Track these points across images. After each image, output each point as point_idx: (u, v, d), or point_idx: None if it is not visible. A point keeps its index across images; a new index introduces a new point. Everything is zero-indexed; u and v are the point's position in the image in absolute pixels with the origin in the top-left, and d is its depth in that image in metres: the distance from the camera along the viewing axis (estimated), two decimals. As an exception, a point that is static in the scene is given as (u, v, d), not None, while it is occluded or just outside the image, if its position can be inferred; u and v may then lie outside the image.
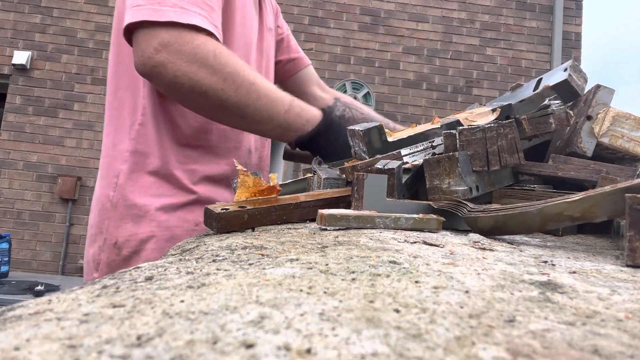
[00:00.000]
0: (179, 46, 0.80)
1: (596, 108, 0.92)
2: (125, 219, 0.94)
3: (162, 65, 0.80)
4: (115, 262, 0.93)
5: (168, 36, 0.80)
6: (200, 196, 0.99)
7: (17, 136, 4.66)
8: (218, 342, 0.23)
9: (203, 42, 0.82)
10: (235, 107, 0.84)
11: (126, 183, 0.94)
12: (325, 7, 5.04)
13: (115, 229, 0.94)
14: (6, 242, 3.84)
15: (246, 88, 0.83)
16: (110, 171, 0.96)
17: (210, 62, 0.81)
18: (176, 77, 0.81)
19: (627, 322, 0.29)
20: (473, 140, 0.75)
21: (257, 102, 0.85)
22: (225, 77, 0.82)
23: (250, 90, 0.84)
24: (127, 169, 0.95)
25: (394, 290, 0.33)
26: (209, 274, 0.37)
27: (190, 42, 0.81)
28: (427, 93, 5.04)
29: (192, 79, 0.81)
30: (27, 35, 4.78)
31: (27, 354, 0.21)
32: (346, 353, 0.22)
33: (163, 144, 0.96)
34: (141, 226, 0.94)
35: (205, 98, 0.83)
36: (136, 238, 0.94)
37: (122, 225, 0.94)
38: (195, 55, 0.81)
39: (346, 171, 0.84)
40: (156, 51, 0.80)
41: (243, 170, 0.70)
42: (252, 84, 0.84)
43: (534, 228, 0.59)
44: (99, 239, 0.95)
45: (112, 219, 0.94)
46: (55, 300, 0.31)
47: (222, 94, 0.83)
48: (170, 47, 0.80)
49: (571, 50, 5.15)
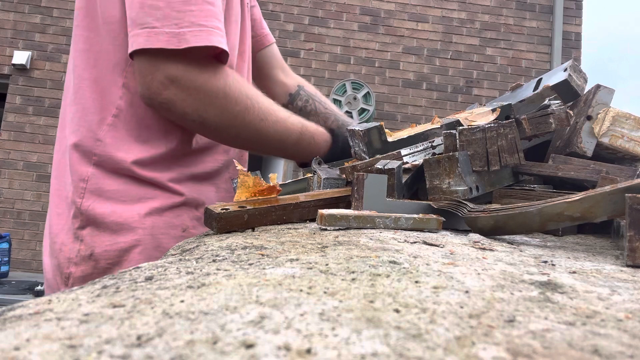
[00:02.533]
0: (188, 82, 0.78)
1: (596, 108, 0.92)
2: (99, 227, 0.84)
3: (171, 102, 0.78)
4: (92, 275, 0.83)
5: (176, 71, 0.77)
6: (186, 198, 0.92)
7: (17, 136, 4.66)
8: (218, 342, 0.23)
9: (213, 76, 0.79)
10: (246, 141, 0.87)
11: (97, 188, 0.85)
12: (325, 7, 5.04)
13: (89, 239, 0.84)
14: (6, 242, 3.84)
15: (255, 125, 0.84)
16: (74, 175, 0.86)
17: (220, 101, 0.80)
18: (186, 113, 0.80)
19: (627, 322, 0.29)
20: (473, 140, 0.75)
21: (267, 138, 0.87)
22: (236, 115, 0.82)
23: (260, 127, 0.85)
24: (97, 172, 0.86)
25: (394, 290, 0.33)
26: (209, 274, 0.37)
27: (199, 77, 0.78)
28: (427, 93, 5.04)
29: (201, 116, 0.80)
30: (27, 35, 4.78)
31: (27, 354, 0.21)
32: (346, 353, 0.22)
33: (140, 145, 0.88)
34: (121, 234, 0.84)
35: (216, 133, 0.84)
36: (116, 248, 0.84)
37: (97, 234, 0.84)
38: (205, 93, 0.79)
39: (346, 171, 0.84)
40: (164, 87, 0.77)
41: (243, 171, 0.70)
42: (262, 120, 0.85)
43: (534, 228, 0.59)
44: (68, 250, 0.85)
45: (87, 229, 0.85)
46: (55, 300, 0.31)
47: (233, 131, 0.84)
48: (179, 84, 0.78)
49: (571, 50, 5.15)
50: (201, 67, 0.79)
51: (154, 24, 0.75)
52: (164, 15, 0.74)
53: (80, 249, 0.85)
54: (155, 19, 0.75)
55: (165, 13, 0.75)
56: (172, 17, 0.75)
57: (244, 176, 0.70)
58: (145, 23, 0.75)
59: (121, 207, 0.86)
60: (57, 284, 0.87)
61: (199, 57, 0.79)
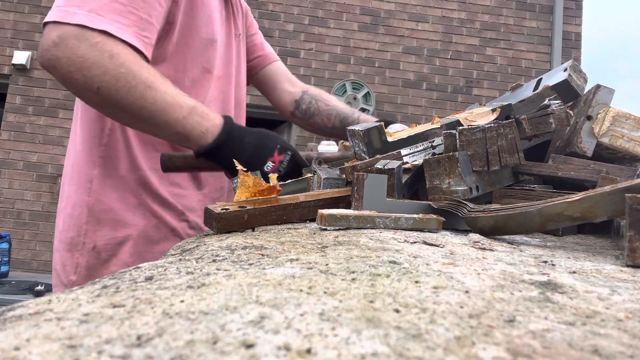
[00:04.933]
0: (76, 41, 0.79)
1: (596, 108, 0.92)
2: (102, 223, 0.96)
3: (57, 59, 0.80)
4: (95, 265, 0.96)
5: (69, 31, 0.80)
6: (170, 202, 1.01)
7: (17, 136, 4.66)
8: (218, 342, 0.23)
9: (102, 42, 0.81)
10: (129, 108, 0.83)
11: (100, 188, 0.97)
12: (325, 7, 5.04)
13: (93, 233, 0.96)
14: (6, 242, 3.84)
15: (141, 91, 0.82)
16: (82, 176, 0.98)
17: (104, 62, 0.80)
18: (70, 72, 0.80)
19: (627, 322, 0.29)
20: (473, 140, 0.75)
21: (153, 106, 0.83)
22: (118, 78, 0.80)
23: (145, 94, 0.82)
24: (99, 174, 0.97)
25: (394, 290, 0.33)
26: (209, 274, 0.37)
27: (88, 40, 0.80)
28: (427, 93, 5.04)
29: (85, 75, 0.80)
30: (27, 35, 4.78)
31: (27, 354, 0.21)
32: (346, 353, 0.22)
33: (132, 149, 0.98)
34: (117, 230, 0.96)
35: (98, 96, 0.82)
36: (113, 241, 0.96)
37: (100, 229, 0.96)
38: (91, 51, 0.80)
39: (346, 171, 0.84)
40: (54, 44, 0.80)
41: (243, 171, 0.70)
42: (148, 87, 0.82)
43: (534, 228, 0.59)
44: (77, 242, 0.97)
45: (90, 223, 0.96)
46: (55, 300, 0.31)
47: (115, 94, 0.81)
48: (67, 42, 0.79)
49: (571, 50, 5.15)
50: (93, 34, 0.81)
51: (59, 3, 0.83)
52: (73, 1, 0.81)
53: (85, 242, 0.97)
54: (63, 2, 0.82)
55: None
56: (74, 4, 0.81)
57: (244, 176, 0.70)
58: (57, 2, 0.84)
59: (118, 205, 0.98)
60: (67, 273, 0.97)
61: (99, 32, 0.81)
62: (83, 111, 1.02)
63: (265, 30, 4.93)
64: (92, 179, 0.97)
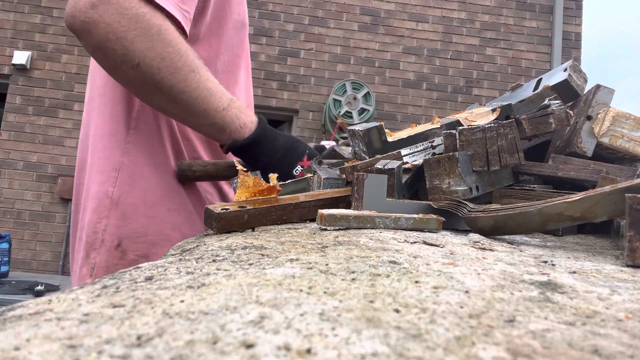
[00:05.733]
0: (120, 7, 0.70)
1: (596, 108, 0.92)
2: (129, 218, 0.84)
3: (94, 23, 0.70)
4: (117, 266, 0.84)
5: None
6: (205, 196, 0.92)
7: (17, 136, 4.66)
8: (218, 342, 0.23)
9: (150, 12, 0.72)
10: (168, 90, 0.75)
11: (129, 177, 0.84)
12: (325, 7, 5.04)
13: (116, 229, 0.84)
14: (6, 242, 3.84)
15: (185, 74, 0.75)
16: (105, 163, 0.85)
17: (152, 35, 0.71)
18: (108, 40, 0.70)
19: (627, 322, 0.29)
20: (473, 140, 0.75)
21: (194, 92, 0.76)
22: (164, 56, 0.72)
23: (189, 78, 0.75)
24: (128, 162, 0.85)
25: (394, 290, 0.33)
26: (209, 274, 0.37)
27: (134, 8, 0.71)
28: (427, 93, 5.04)
29: (126, 47, 0.71)
30: (27, 35, 4.78)
31: (27, 354, 0.21)
32: (346, 353, 0.22)
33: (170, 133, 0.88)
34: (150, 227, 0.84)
35: (136, 72, 0.73)
36: (145, 240, 0.84)
37: (126, 225, 0.84)
38: (137, 22, 0.70)
39: (346, 171, 0.84)
40: (92, 6, 0.70)
41: (243, 170, 0.70)
42: (192, 71, 0.76)
43: (534, 228, 0.59)
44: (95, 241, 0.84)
45: (112, 218, 0.84)
46: (55, 300, 0.31)
47: (157, 73, 0.73)
48: (109, 7, 0.70)
49: (571, 50, 5.15)
50: (140, 4, 0.72)
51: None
52: None
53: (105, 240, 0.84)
54: None
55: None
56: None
57: (244, 176, 0.70)
58: None
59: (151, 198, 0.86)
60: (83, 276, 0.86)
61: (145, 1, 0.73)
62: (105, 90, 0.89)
63: (266, 30, 4.93)
64: (120, 167, 0.84)
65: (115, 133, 0.86)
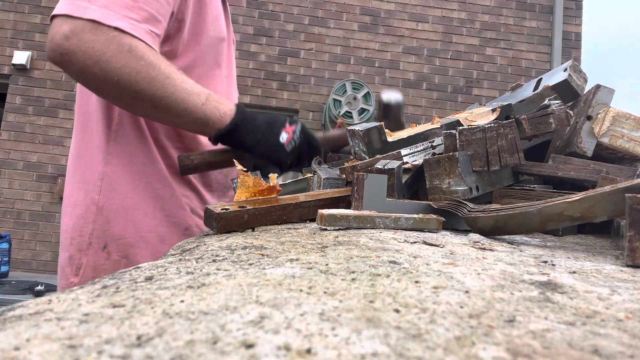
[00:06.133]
0: (91, 35, 0.78)
1: (596, 108, 0.92)
2: (112, 222, 0.93)
3: (72, 52, 0.78)
4: (103, 266, 0.92)
5: (81, 25, 0.78)
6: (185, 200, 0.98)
7: (17, 136, 4.66)
8: (218, 342, 0.23)
9: (118, 35, 0.80)
10: (149, 99, 0.83)
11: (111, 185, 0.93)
12: (325, 7, 5.03)
13: (102, 233, 0.92)
14: (6, 242, 3.84)
15: (161, 81, 0.83)
16: (91, 173, 0.94)
17: (123, 55, 0.80)
18: (86, 66, 0.79)
19: (627, 322, 0.29)
20: (473, 140, 0.75)
21: (172, 96, 0.84)
22: (139, 70, 0.81)
23: (165, 84, 0.83)
24: (110, 171, 0.94)
25: (394, 290, 0.33)
26: (209, 274, 0.37)
27: (104, 34, 0.79)
28: (427, 93, 5.04)
29: (103, 68, 0.79)
30: (27, 35, 4.78)
31: (27, 354, 0.21)
32: (346, 353, 0.22)
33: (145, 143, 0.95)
34: (129, 230, 0.93)
35: (117, 89, 0.81)
36: (124, 242, 0.93)
37: (110, 229, 0.92)
38: (109, 45, 0.79)
39: (346, 171, 0.84)
40: (66, 38, 0.78)
41: (243, 170, 0.70)
42: (167, 78, 0.84)
43: (534, 228, 0.59)
44: (82, 243, 0.93)
45: (99, 223, 0.93)
46: (55, 300, 0.31)
47: (135, 86, 0.81)
48: (81, 36, 0.78)
49: (571, 50, 5.15)
50: (109, 30, 0.80)
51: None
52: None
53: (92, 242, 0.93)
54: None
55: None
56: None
57: (244, 176, 0.70)
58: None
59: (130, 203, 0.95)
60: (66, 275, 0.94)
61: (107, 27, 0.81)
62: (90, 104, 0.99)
63: (266, 30, 4.93)
64: (103, 176, 0.94)
65: (99, 145, 0.95)
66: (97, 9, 0.79)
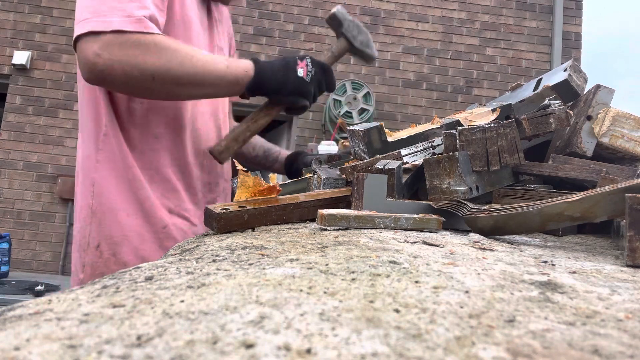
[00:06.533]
0: (120, 44, 0.86)
1: (596, 108, 0.92)
2: (103, 223, 1.02)
3: (110, 66, 0.86)
4: (97, 263, 1.01)
5: (107, 39, 0.85)
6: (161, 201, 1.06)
7: (17, 136, 4.66)
8: (218, 342, 0.23)
9: (141, 36, 0.88)
10: (186, 80, 0.92)
11: (100, 190, 1.03)
12: (325, 7, 5.03)
13: (96, 234, 1.02)
14: (6, 242, 3.84)
15: (189, 61, 0.91)
16: (86, 180, 1.04)
17: (152, 49, 0.88)
18: (126, 72, 0.87)
19: (627, 322, 0.29)
20: (473, 140, 0.75)
21: (203, 69, 0.93)
22: (169, 59, 0.89)
23: (193, 62, 0.92)
24: (99, 177, 1.03)
25: (394, 290, 0.33)
26: (209, 274, 0.37)
27: (129, 40, 0.86)
28: (427, 93, 5.04)
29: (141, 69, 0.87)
30: (27, 35, 4.77)
31: (27, 354, 0.21)
32: (346, 353, 0.22)
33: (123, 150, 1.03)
34: (114, 230, 1.02)
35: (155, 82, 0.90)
36: (112, 241, 1.02)
37: (102, 230, 1.02)
38: (137, 47, 0.87)
39: (346, 171, 0.84)
40: (99, 55, 0.85)
41: (243, 170, 0.70)
42: (192, 57, 0.92)
43: (534, 228, 0.59)
44: (84, 243, 1.03)
45: (94, 224, 1.02)
46: (55, 300, 0.31)
47: (173, 72, 0.90)
48: (112, 47, 0.85)
49: (571, 50, 5.15)
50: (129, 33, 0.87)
51: (85, 17, 0.87)
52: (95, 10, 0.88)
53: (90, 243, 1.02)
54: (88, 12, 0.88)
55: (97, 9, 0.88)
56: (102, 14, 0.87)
57: (244, 176, 0.70)
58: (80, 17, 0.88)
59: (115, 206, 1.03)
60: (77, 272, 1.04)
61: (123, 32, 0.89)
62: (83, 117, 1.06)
63: (266, 30, 4.93)
64: (94, 182, 1.02)
65: (89, 155, 1.04)
66: (116, 19, 0.86)
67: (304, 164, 1.30)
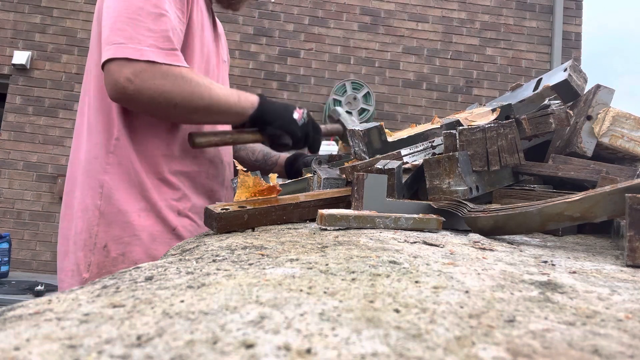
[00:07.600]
0: (151, 74, 0.95)
1: (596, 108, 0.92)
2: (112, 224, 1.06)
3: (140, 91, 0.95)
4: (104, 263, 1.05)
5: (140, 67, 0.95)
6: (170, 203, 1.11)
7: (17, 136, 4.65)
8: (218, 342, 0.23)
9: (170, 68, 0.98)
10: (203, 109, 1.04)
11: (110, 192, 1.07)
12: (325, 7, 5.03)
13: (104, 234, 1.06)
14: (6, 242, 3.84)
15: (207, 94, 1.03)
16: (92, 181, 1.08)
17: (178, 82, 0.98)
18: (153, 99, 0.97)
19: (627, 322, 0.29)
20: (473, 140, 0.75)
21: (219, 101, 1.05)
22: (192, 91, 1.01)
23: (211, 95, 1.04)
24: (109, 179, 1.07)
25: (394, 290, 0.33)
26: (209, 274, 0.37)
27: (160, 71, 0.97)
28: (427, 93, 5.04)
29: (167, 98, 0.98)
30: (27, 35, 4.77)
31: (27, 354, 0.21)
32: (346, 353, 0.22)
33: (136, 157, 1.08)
34: (125, 230, 1.06)
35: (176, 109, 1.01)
36: (122, 241, 1.06)
37: (110, 230, 1.06)
38: (166, 78, 0.97)
39: (346, 171, 0.84)
40: (129, 81, 0.94)
41: (243, 170, 0.70)
42: (210, 90, 1.04)
43: (534, 228, 0.59)
44: (89, 243, 1.06)
45: (101, 225, 1.06)
46: (55, 300, 0.31)
47: (191, 103, 1.01)
48: (143, 76, 0.95)
49: (571, 50, 5.15)
50: (160, 64, 0.98)
51: (119, 40, 0.96)
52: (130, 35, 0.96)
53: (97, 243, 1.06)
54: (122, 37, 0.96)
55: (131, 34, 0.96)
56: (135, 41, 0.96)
57: (244, 176, 0.70)
58: (113, 39, 0.96)
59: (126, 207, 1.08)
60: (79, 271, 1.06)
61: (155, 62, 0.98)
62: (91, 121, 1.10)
63: (265, 30, 4.93)
64: (103, 184, 1.07)
65: (97, 156, 1.09)
66: (150, 50, 0.96)
67: (304, 164, 1.35)
